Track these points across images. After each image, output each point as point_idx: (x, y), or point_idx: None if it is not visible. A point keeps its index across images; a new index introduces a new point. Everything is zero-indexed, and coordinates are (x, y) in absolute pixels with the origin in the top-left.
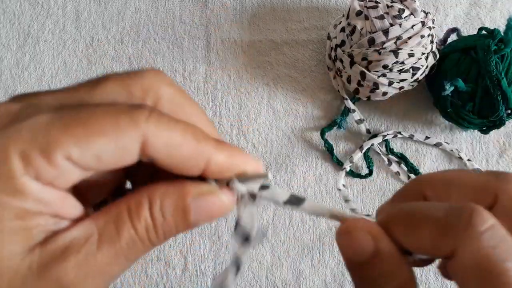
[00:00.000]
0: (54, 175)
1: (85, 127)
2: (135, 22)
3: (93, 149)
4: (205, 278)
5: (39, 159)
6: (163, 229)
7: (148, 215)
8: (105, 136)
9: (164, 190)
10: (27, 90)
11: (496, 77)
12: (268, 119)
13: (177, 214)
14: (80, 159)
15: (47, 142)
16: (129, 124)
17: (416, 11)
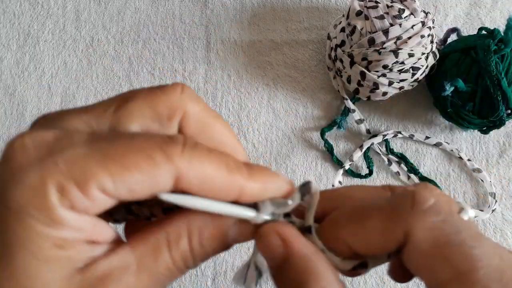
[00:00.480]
0: (88, 205)
1: (120, 162)
2: (135, 22)
3: (127, 183)
4: (205, 278)
5: (75, 191)
6: (201, 256)
7: (186, 245)
8: (139, 171)
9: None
10: (27, 90)
11: (496, 77)
12: (268, 119)
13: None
14: (114, 191)
15: (83, 175)
16: (163, 160)
17: (416, 11)
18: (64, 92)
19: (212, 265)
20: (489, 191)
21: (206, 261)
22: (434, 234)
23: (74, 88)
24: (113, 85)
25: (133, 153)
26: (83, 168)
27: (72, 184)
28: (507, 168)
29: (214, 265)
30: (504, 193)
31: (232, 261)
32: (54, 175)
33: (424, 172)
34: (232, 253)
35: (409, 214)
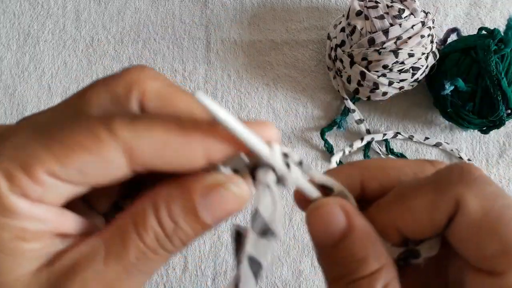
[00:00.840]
0: (40, 191)
1: (65, 142)
2: (135, 22)
3: (75, 164)
4: (205, 278)
5: (22, 177)
6: (178, 235)
7: (155, 224)
8: (84, 150)
9: (167, 193)
10: (27, 90)
11: (496, 77)
12: (268, 119)
13: (188, 217)
14: (63, 175)
15: (28, 159)
16: (107, 135)
17: (416, 11)
18: (64, 92)
19: (212, 265)
20: None
21: (206, 261)
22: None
23: (74, 88)
24: None
25: (77, 133)
26: (27, 152)
27: (19, 169)
28: (507, 168)
29: (214, 265)
30: None
31: (232, 261)
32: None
33: None
34: (232, 253)
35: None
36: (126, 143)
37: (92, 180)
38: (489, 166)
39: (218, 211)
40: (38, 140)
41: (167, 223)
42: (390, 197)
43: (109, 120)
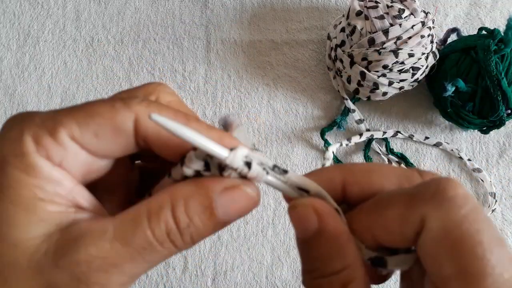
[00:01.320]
0: (62, 154)
1: (85, 111)
2: (135, 22)
3: (91, 127)
4: (205, 278)
5: (47, 138)
6: (190, 231)
7: (170, 217)
8: (100, 116)
9: (187, 191)
10: (27, 90)
11: (496, 77)
12: (268, 119)
13: (203, 214)
14: (81, 137)
15: (54, 124)
16: (122, 107)
17: (416, 11)
18: (64, 92)
19: (212, 265)
20: (489, 191)
21: (206, 261)
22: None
23: (74, 88)
24: (113, 85)
25: (98, 104)
26: (54, 120)
27: (45, 132)
28: (507, 168)
29: (214, 265)
30: (504, 193)
31: (232, 261)
32: (30, 127)
33: None
34: (232, 253)
35: (430, 201)
36: (136, 114)
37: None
38: (489, 166)
39: (232, 210)
40: (65, 110)
41: (183, 217)
42: (370, 204)
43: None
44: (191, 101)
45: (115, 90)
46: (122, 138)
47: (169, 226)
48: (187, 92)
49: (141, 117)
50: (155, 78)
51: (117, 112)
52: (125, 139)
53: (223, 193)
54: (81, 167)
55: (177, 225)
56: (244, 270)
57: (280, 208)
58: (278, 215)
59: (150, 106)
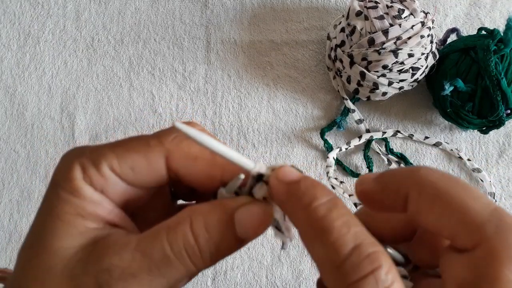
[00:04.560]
0: (103, 182)
1: (124, 147)
2: (135, 22)
3: (128, 161)
4: (205, 278)
5: (92, 168)
6: (209, 247)
7: (188, 231)
8: (137, 152)
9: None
10: (27, 90)
11: (496, 77)
12: (268, 119)
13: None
14: (119, 169)
15: (97, 157)
16: (156, 143)
17: (415, 11)
18: (65, 92)
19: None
20: (488, 191)
21: None
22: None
23: (74, 88)
24: (113, 85)
25: (136, 141)
26: (98, 152)
27: (91, 164)
28: (507, 168)
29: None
30: (504, 193)
31: (232, 261)
32: (79, 159)
33: None
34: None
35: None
36: (168, 150)
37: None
38: (489, 166)
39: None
40: (109, 145)
41: (202, 232)
42: None
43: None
44: (191, 101)
45: (115, 90)
46: (154, 172)
47: (186, 239)
48: (187, 92)
49: (172, 153)
50: (155, 78)
51: (151, 149)
52: (157, 172)
53: (240, 208)
54: (120, 194)
55: (195, 239)
56: (244, 270)
57: None
58: None
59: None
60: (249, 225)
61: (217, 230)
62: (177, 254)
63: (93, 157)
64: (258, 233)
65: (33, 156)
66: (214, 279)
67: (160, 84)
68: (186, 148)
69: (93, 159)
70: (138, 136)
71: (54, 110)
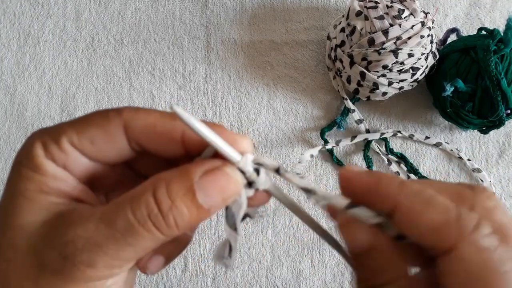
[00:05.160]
0: (64, 158)
1: (83, 121)
2: (135, 22)
3: (87, 135)
4: (205, 278)
5: (53, 145)
6: (173, 214)
7: (151, 199)
8: (96, 125)
9: (168, 175)
10: (27, 90)
11: (496, 77)
12: (268, 119)
13: (185, 196)
14: (79, 144)
15: (58, 133)
16: (115, 114)
17: (415, 11)
18: (65, 92)
19: (212, 265)
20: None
21: (206, 261)
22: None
23: (74, 88)
24: (113, 85)
25: (95, 115)
26: (58, 129)
27: (51, 140)
28: (507, 168)
29: (214, 265)
30: (504, 193)
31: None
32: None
33: (424, 172)
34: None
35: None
36: (125, 119)
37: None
38: (489, 166)
39: (213, 192)
40: (70, 121)
41: (164, 200)
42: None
43: (121, 107)
44: (191, 101)
45: (115, 90)
46: (114, 143)
47: (150, 207)
48: (187, 92)
49: (130, 122)
50: (155, 78)
51: (109, 120)
52: (117, 143)
53: (204, 175)
54: (83, 170)
55: (158, 207)
56: (244, 270)
57: (280, 208)
58: (278, 215)
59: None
60: (212, 192)
61: (180, 197)
62: (141, 221)
63: (53, 134)
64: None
65: None
66: (214, 279)
67: (160, 84)
68: (144, 115)
69: (54, 135)
70: (99, 110)
71: (54, 110)
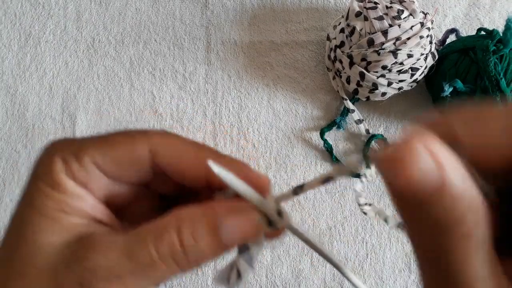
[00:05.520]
0: (85, 176)
1: (107, 141)
2: (136, 23)
3: (111, 154)
4: (205, 278)
5: (74, 162)
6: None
7: (175, 238)
8: (119, 144)
9: (193, 212)
10: (28, 90)
11: (495, 77)
12: (268, 119)
13: (208, 236)
14: (102, 163)
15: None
16: (141, 137)
17: (415, 12)
18: (65, 93)
19: (212, 264)
20: None
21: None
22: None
23: (75, 88)
24: (114, 85)
25: (120, 135)
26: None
27: (72, 157)
28: None
29: (214, 264)
30: None
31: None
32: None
33: None
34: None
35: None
36: (153, 144)
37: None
38: None
39: (236, 233)
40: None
41: (188, 238)
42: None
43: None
44: (192, 101)
45: (116, 90)
46: (138, 165)
47: (173, 246)
48: (187, 93)
49: (157, 146)
50: (156, 78)
51: (135, 142)
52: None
53: (228, 216)
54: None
55: (181, 245)
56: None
57: None
58: None
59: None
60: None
61: (203, 237)
62: (163, 258)
63: (75, 151)
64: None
65: (34, 156)
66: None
67: (161, 84)
68: (172, 141)
69: (75, 152)
70: (125, 131)
71: (55, 110)
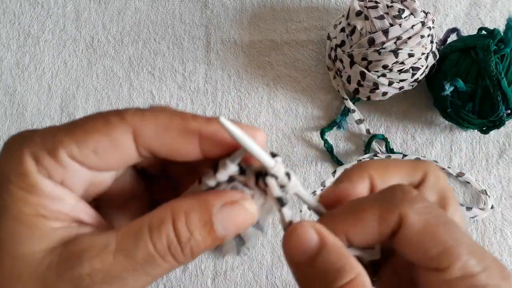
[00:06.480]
0: (62, 173)
1: (82, 128)
2: (135, 22)
3: (90, 145)
4: (205, 278)
5: (47, 158)
6: (190, 245)
7: (171, 231)
8: (98, 132)
9: (188, 205)
10: (27, 90)
11: (496, 77)
12: (268, 119)
13: (203, 228)
14: (80, 156)
15: (53, 144)
16: (118, 120)
17: (416, 11)
18: (64, 92)
19: (212, 265)
20: (479, 189)
21: (206, 261)
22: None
23: (74, 88)
24: (113, 85)
25: (93, 120)
26: (53, 139)
27: (45, 152)
28: (507, 168)
29: (214, 265)
30: (504, 193)
31: (232, 261)
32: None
33: None
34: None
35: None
36: (133, 126)
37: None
38: (489, 166)
39: (230, 225)
40: (64, 128)
41: (184, 231)
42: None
43: (122, 110)
44: (191, 101)
45: (115, 90)
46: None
47: (170, 239)
48: (187, 92)
49: (139, 128)
50: (155, 78)
51: (113, 127)
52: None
53: (222, 208)
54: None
55: (178, 239)
56: (244, 270)
57: None
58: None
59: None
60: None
61: (198, 229)
62: (161, 253)
63: (47, 144)
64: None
65: None
66: (214, 279)
67: (160, 84)
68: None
69: (48, 146)
70: (94, 114)
71: (54, 110)
